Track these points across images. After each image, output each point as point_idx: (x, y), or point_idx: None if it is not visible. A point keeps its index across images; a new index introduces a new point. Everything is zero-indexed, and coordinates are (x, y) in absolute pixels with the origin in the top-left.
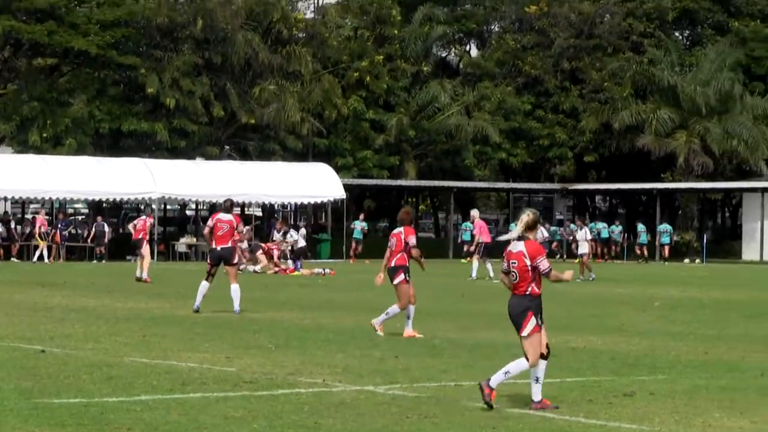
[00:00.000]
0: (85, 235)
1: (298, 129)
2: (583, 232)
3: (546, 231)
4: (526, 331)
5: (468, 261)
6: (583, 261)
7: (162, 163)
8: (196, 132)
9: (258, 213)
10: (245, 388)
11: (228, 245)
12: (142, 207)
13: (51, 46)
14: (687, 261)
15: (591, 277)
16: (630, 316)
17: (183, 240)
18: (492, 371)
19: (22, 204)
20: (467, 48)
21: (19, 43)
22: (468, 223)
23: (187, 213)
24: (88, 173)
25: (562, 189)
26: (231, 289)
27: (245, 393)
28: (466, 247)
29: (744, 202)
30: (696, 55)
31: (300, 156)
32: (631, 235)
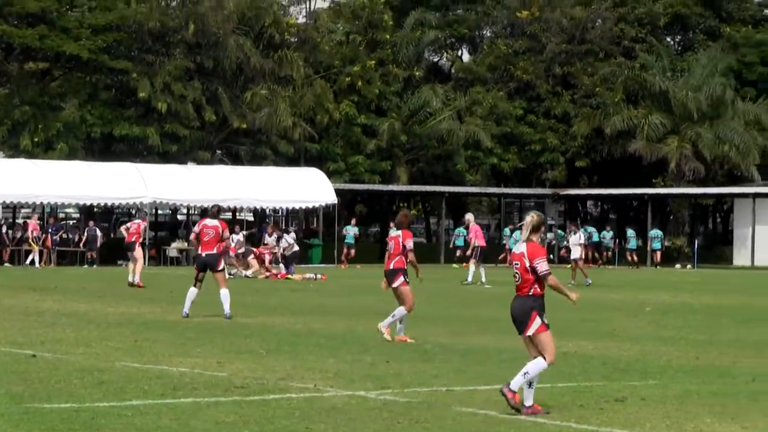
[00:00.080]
0: (77, 240)
1: (289, 134)
2: (577, 236)
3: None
4: (531, 331)
5: (464, 266)
6: (579, 266)
7: (153, 168)
8: (187, 136)
9: (250, 218)
10: (236, 393)
11: (213, 251)
12: (133, 211)
13: (42, 50)
14: (678, 266)
15: (587, 282)
16: (621, 321)
17: (174, 245)
18: (484, 376)
19: (13, 208)
20: (459, 53)
21: (11, 47)
22: (461, 229)
23: (179, 218)
24: (79, 178)
25: (553, 194)
26: (220, 294)
27: (236, 398)
28: (459, 252)
29: (735, 207)
30: (687, 61)
31: (291, 161)
32: (622, 241)
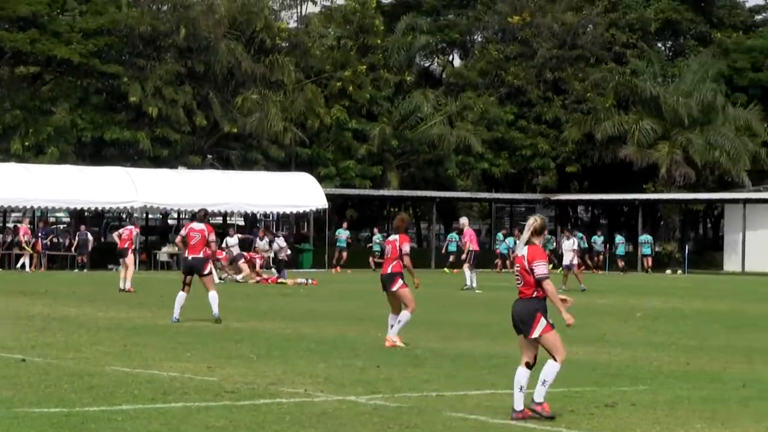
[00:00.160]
0: (67, 244)
1: (280, 138)
2: (570, 242)
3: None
4: (537, 332)
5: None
6: (574, 272)
7: (144, 172)
8: (178, 141)
9: (240, 222)
10: (227, 397)
11: (200, 255)
12: (124, 216)
13: (33, 54)
14: (669, 272)
15: (582, 288)
16: (612, 326)
17: (165, 249)
18: (474, 381)
19: (3, 213)
20: (450, 58)
21: (2, 51)
22: (453, 234)
23: (169, 222)
24: (70, 182)
25: (544, 199)
26: (209, 296)
27: (227, 403)
28: (452, 258)
29: (726, 213)
30: (678, 66)
31: (282, 165)
32: (611, 246)
